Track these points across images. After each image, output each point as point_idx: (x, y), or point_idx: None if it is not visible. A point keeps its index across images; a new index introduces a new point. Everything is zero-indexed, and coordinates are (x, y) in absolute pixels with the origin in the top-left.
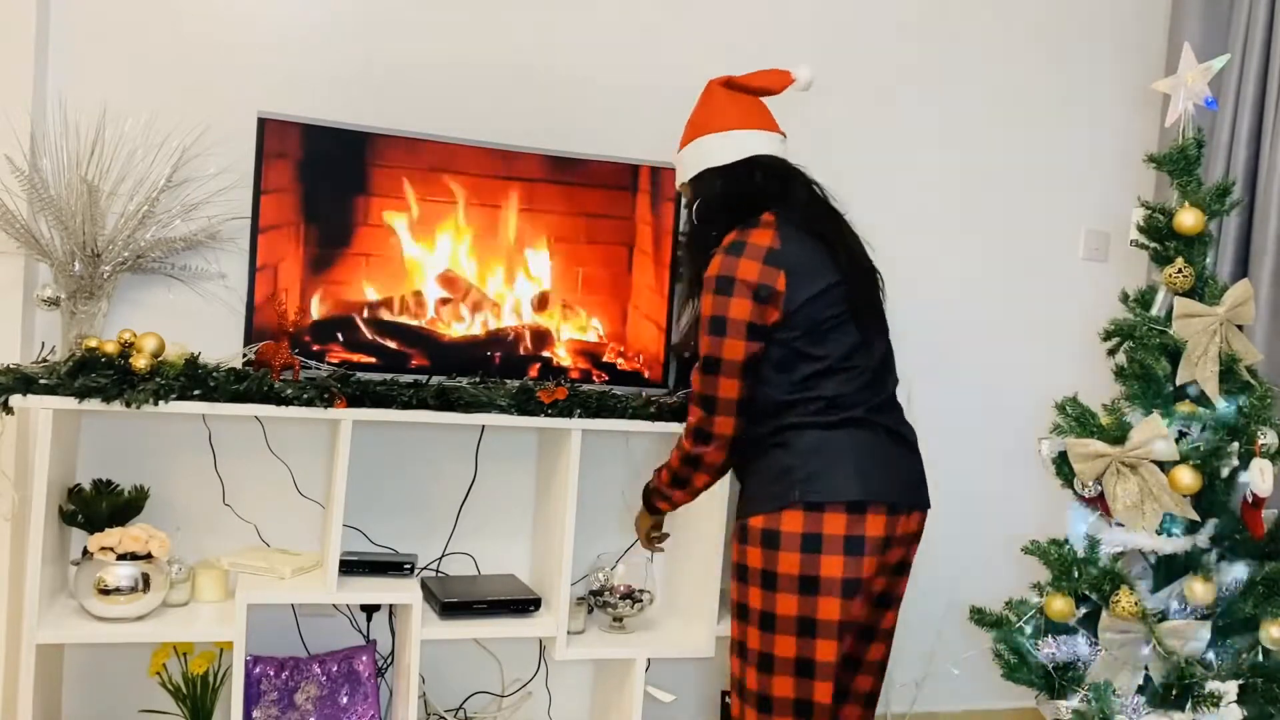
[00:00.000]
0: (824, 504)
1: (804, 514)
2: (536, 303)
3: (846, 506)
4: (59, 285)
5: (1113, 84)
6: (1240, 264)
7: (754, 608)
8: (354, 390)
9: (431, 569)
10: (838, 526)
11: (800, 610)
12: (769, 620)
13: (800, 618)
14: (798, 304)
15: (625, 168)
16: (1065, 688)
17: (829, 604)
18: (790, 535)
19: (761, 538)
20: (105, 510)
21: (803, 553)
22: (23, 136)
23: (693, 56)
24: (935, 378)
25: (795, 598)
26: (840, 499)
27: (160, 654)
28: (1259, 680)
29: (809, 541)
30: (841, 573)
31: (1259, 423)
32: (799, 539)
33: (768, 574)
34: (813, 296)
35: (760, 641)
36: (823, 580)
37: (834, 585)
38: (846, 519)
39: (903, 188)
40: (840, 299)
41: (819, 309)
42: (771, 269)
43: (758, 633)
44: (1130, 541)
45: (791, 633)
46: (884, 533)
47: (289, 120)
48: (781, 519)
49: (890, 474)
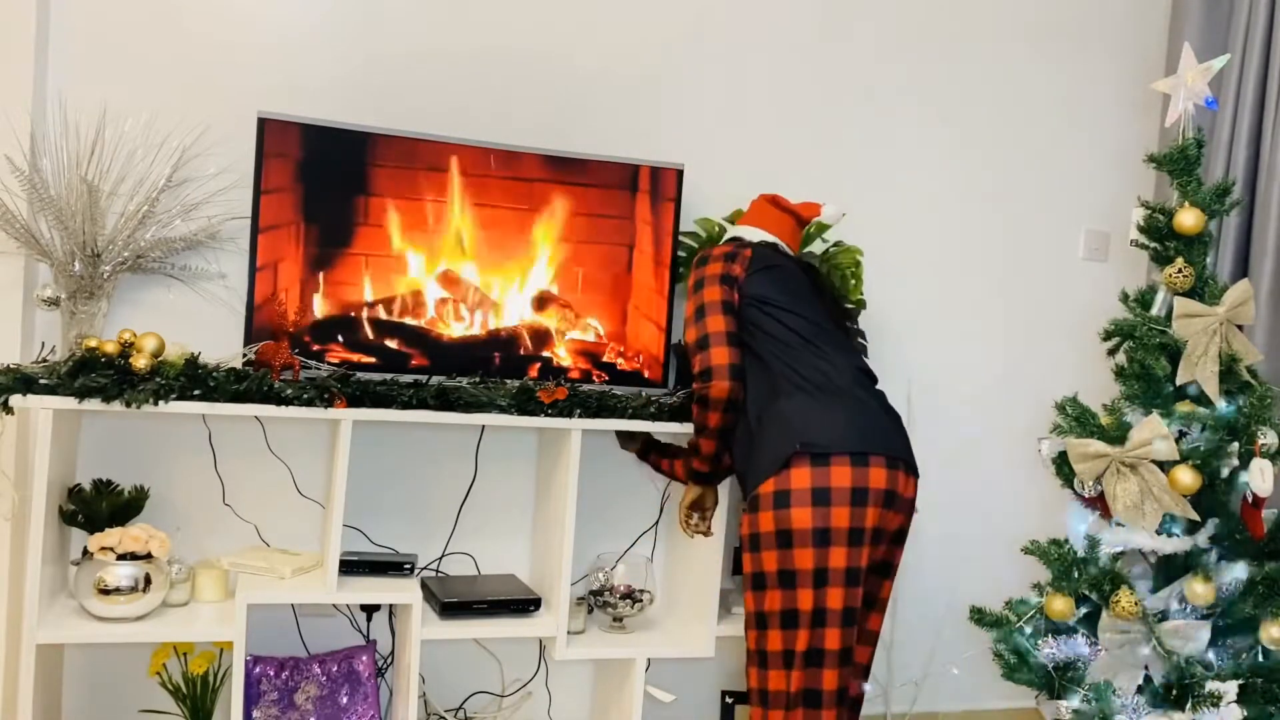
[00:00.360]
0: (829, 455)
1: (811, 469)
2: (536, 303)
3: (851, 458)
4: (59, 285)
5: (1113, 84)
6: (1240, 264)
7: (770, 570)
8: (354, 390)
9: (431, 569)
10: (844, 479)
11: (815, 563)
12: (789, 577)
13: (816, 570)
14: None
15: (625, 168)
16: (1065, 688)
17: (838, 553)
18: (800, 492)
19: (774, 500)
20: (105, 510)
21: (814, 506)
22: (23, 136)
23: (694, 56)
24: (935, 378)
25: (811, 550)
26: (844, 449)
27: (160, 654)
28: (1259, 680)
29: (819, 495)
30: (849, 523)
31: (1259, 423)
32: (809, 494)
33: (782, 533)
34: (766, 268)
35: (782, 600)
36: (833, 531)
37: (842, 535)
38: (852, 471)
39: (903, 188)
40: (798, 290)
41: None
42: (730, 262)
43: (779, 593)
44: (1130, 541)
45: (809, 585)
46: (886, 485)
47: (289, 120)
48: (790, 477)
49: (885, 434)
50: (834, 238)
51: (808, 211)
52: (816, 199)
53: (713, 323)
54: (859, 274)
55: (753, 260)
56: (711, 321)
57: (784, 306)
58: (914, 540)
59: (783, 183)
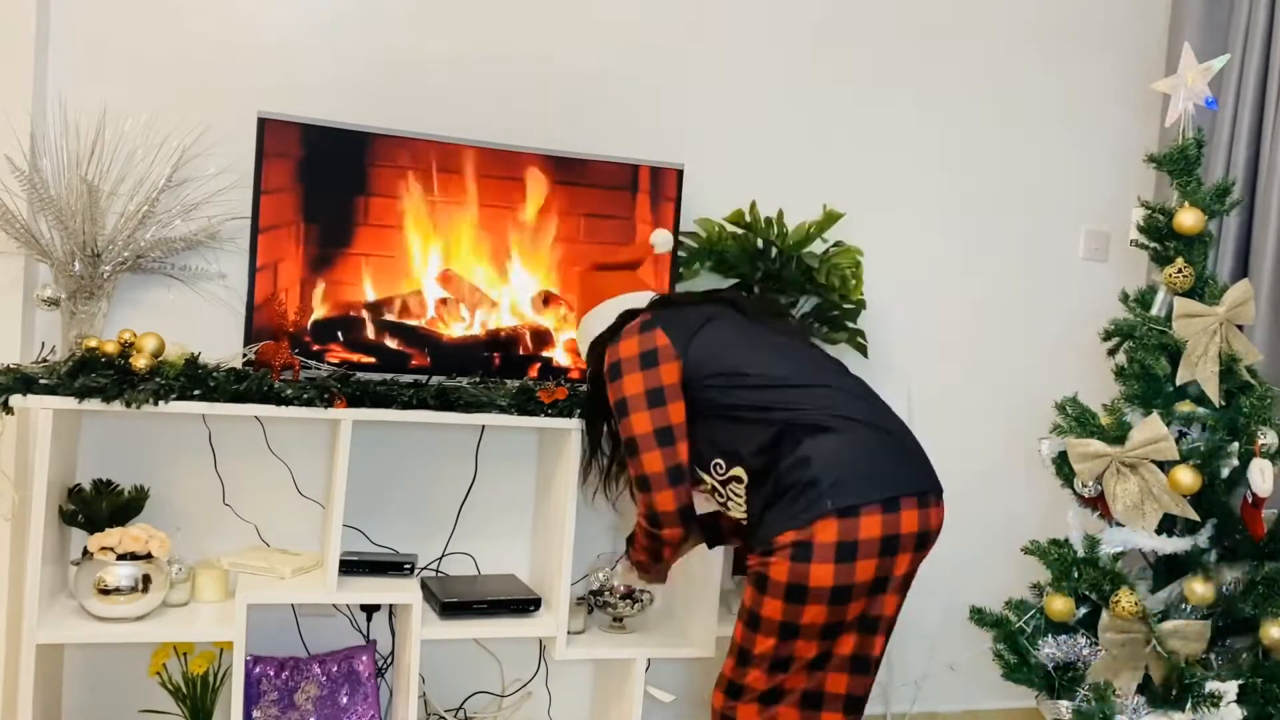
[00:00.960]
0: (859, 507)
1: (839, 521)
2: (536, 303)
3: (883, 506)
4: (59, 285)
5: (1113, 84)
6: (1240, 264)
7: (769, 618)
8: (354, 390)
9: (431, 569)
10: (874, 529)
11: (828, 618)
12: (790, 630)
13: (826, 625)
14: (685, 345)
15: (626, 168)
16: (1065, 688)
17: (857, 606)
18: (824, 546)
19: (792, 552)
20: (105, 510)
21: (837, 564)
22: (23, 136)
23: (694, 57)
24: (935, 378)
25: (825, 608)
26: (875, 498)
27: (160, 654)
28: (1259, 680)
29: (844, 551)
30: (874, 574)
31: (1259, 423)
32: (833, 549)
33: (795, 588)
34: (695, 331)
35: (776, 649)
36: (855, 586)
37: (864, 589)
38: (883, 519)
39: (903, 188)
40: (733, 327)
41: (707, 338)
42: (647, 336)
43: (774, 641)
44: (1130, 541)
45: (814, 638)
46: (919, 528)
47: (289, 120)
48: (815, 530)
49: (911, 465)
50: (834, 238)
51: (635, 254)
52: (816, 199)
53: (639, 421)
54: (859, 274)
55: (671, 334)
56: (643, 444)
57: (738, 368)
58: None
59: (783, 182)
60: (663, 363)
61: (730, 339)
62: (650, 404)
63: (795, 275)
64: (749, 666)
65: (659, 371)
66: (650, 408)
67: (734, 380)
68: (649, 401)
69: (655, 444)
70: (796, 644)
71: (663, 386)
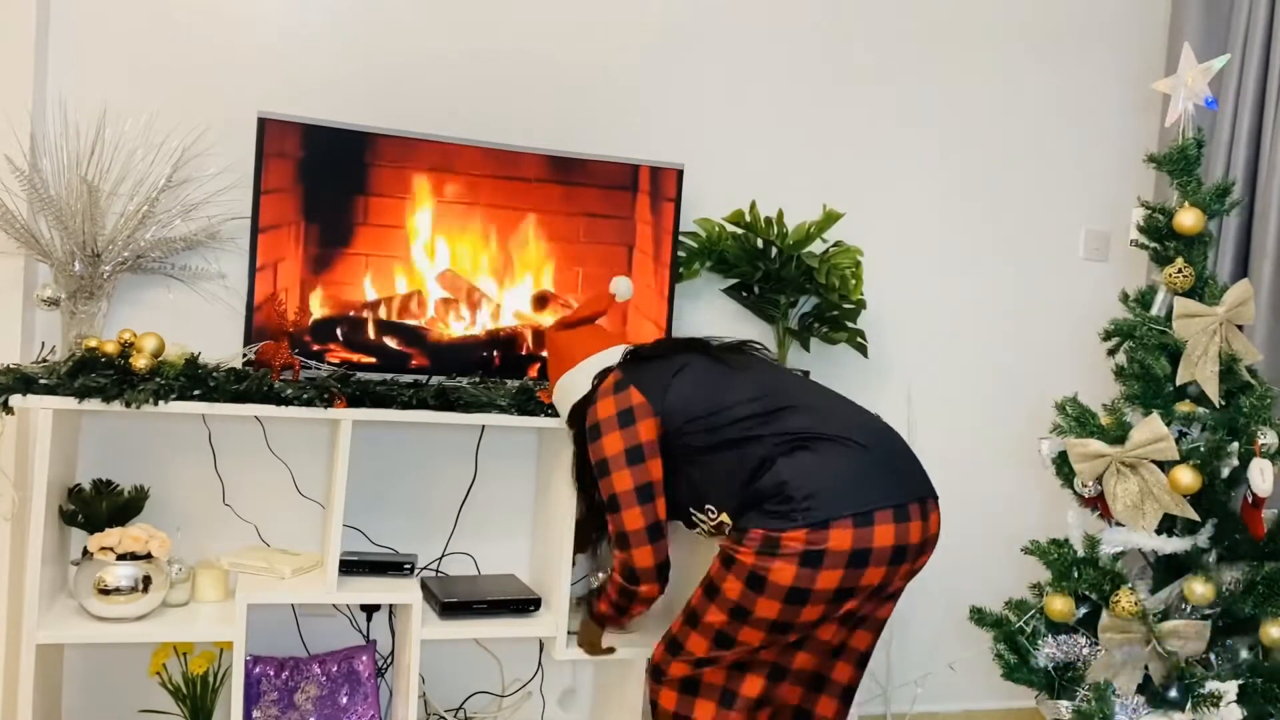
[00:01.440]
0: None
1: (854, 530)
2: (536, 302)
3: (856, 520)
4: (59, 285)
5: (1113, 84)
6: (1240, 264)
7: (729, 597)
8: (354, 390)
9: (431, 569)
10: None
11: (779, 616)
12: (742, 613)
13: (775, 621)
14: (660, 399)
15: (625, 168)
16: (1065, 688)
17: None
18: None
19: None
20: (105, 510)
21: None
22: (23, 136)
23: (693, 56)
24: (935, 378)
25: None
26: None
27: (160, 654)
28: (1259, 680)
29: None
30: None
31: (1259, 423)
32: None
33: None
34: (668, 385)
35: (724, 625)
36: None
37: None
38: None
39: (903, 188)
40: (703, 371)
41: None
42: (623, 395)
43: (725, 618)
44: (1130, 541)
45: (764, 629)
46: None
47: (289, 120)
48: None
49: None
50: (834, 238)
51: (598, 306)
52: (816, 199)
53: (626, 503)
54: (859, 274)
55: (645, 391)
56: (624, 501)
57: (713, 409)
58: None
59: (783, 182)
60: (639, 420)
61: (702, 383)
62: (629, 461)
63: (795, 275)
64: (694, 630)
65: (636, 429)
66: (630, 465)
67: (711, 423)
68: (628, 459)
69: (635, 501)
70: (744, 629)
71: (640, 444)
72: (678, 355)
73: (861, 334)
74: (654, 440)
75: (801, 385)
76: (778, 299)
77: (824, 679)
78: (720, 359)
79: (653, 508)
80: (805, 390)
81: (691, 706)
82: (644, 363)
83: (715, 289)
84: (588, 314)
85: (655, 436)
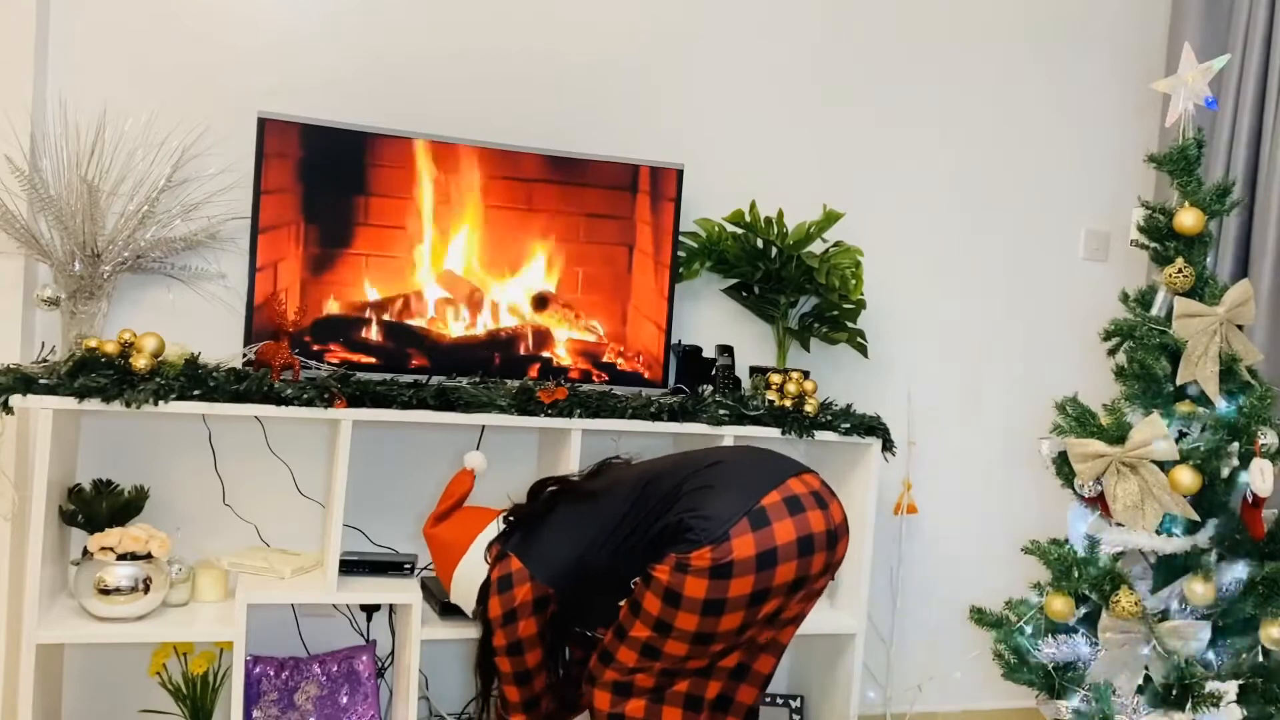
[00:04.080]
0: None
1: (754, 535)
2: (536, 303)
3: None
4: (59, 285)
5: (1113, 84)
6: (1240, 264)
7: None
8: (354, 390)
9: (431, 569)
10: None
11: (701, 628)
12: (664, 627)
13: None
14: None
15: (626, 168)
16: (1065, 688)
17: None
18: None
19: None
20: (105, 510)
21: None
22: (23, 136)
23: (694, 56)
24: (935, 378)
25: (697, 618)
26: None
27: (160, 654)
28: (1259, 680)
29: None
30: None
31: (1259, 423)
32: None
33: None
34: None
35: (649, 639)
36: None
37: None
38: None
39: (903, 188)
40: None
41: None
42: (503, 563)
43: (649, 632)
44: (1130, 541)
45: (686, 641)
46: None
47: (289, 120)
48: (733, 547)
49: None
50: (834, 238)
51: (461, 488)
52: (816, 199)
53: (506, 682)
54: (859, 274)
55: (521, 557)
56: (506, 680)
57: (588, 544)
58: (914, 540)
59: (783, 182)
60: (516, 586)
61: (568, 523)
62: (510, 654)
63: (795, 275)
64: (622, 643)
65: (517, 626)
66: (510, 656)
67: (589, 551)
68: (509, 651)
69: (514, 683)
70: (668, 641)
71: (521, 640)
72: (543, 505)
73: (861, 334)
74: (530, 599)
75: (656, 463)
76: (778, 299)
77: (747, 669)
78: (583, 489)
79: (530, 687)
80: (665, 462)
81: (623, 705)
82: (521, 525)
83: (715, 289)
84: (455, 501)
85: (531, 598)
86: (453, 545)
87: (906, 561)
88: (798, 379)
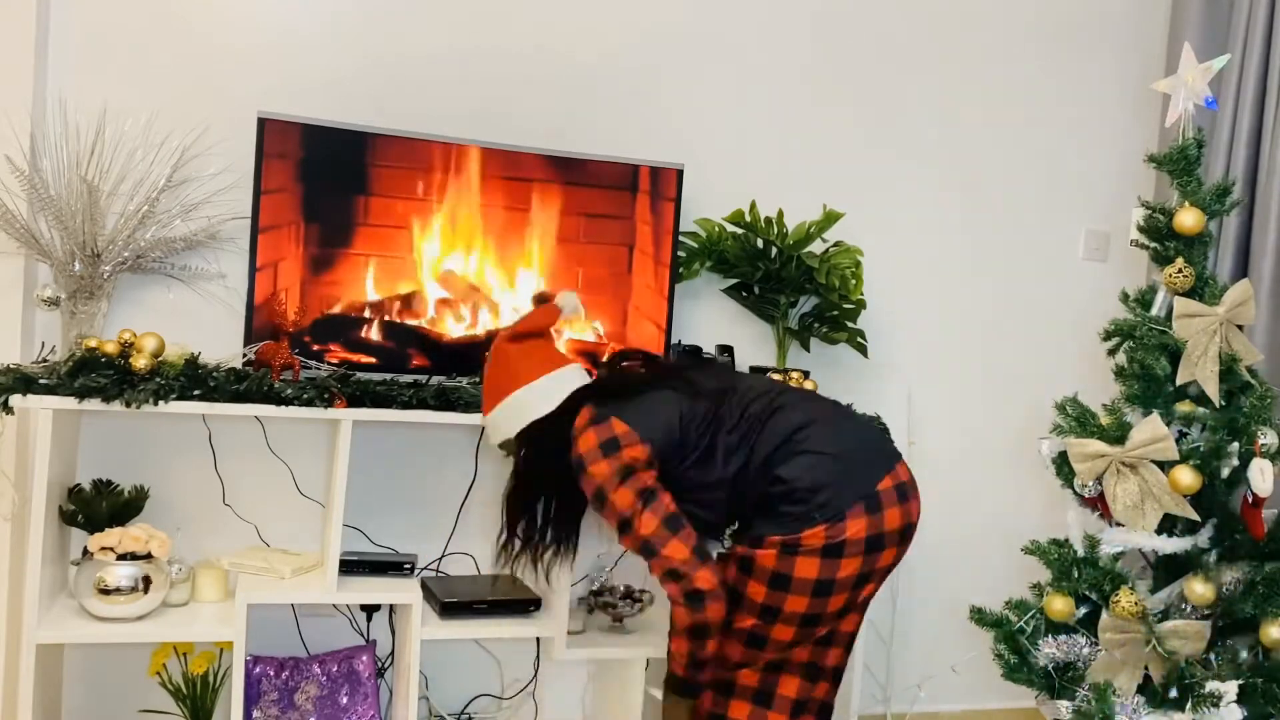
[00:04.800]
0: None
1: (867, 517)
2: (536, 302)
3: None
4: (59, 285)
5: (1113, 84)
6: (1240, 264)
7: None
8: (354, 390)
9: (431, 569)
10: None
11: (810, 609)
12: (772, 613)
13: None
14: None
15: (626, 168)
16: (1065, 688)
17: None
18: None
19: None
20: (105, 510)
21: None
22: (23, 136)
23: (694, 56)
24: (935, 377)
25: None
26: None
27: (160, 654)
28: (1259, 680)
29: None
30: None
31: (1259, 423)
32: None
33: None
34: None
35: (754, 627)
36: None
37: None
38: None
39: (903, 188)
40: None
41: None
42: (604, 426)
43: (754, 620)
44: (1130, 541)
45: (794, 624)
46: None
47: (289, 120)
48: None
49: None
50: (834, 238)
51: (548, 319)
52: (816, 199)
53: (635, 514)
54: (859, 274)
55: (629, 422)
56: (632, 513)
57: (700, 433)
58: (914, 540)
59: (783, 182)
60: (625, 446)
61: (683, 410)
62: (623, 480)
63: (795, 275)
64: (724, 636)
65: (621, 454)
66: (624, 483)
67: (700, 445)
68: (621, 478)
69: (642, 507)
70: (776, 626)
71: (628, 463)
72: (650, 387)
73: (861, 334)
74: (642, 459)
75: (772, 385)
76: (778, 299)
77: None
78: (692, 383)
79: (660, 505)
80: (782, 390)
81: (727, 706)
82: (617, 396)
83: (715, 289)
84: (539, 326)
85: (644, 457)
86: (521, 370)
87: (906, 561)
88: (798, 379)
